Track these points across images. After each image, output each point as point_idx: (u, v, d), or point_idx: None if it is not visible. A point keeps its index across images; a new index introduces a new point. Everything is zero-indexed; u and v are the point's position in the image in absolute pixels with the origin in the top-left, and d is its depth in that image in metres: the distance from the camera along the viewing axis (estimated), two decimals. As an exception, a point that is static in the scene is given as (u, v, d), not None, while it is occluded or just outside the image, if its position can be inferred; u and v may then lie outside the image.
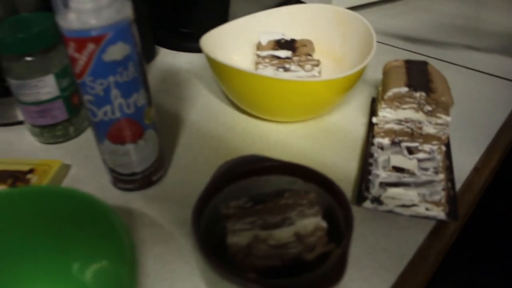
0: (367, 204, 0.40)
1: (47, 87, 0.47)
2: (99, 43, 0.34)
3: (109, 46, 0.35)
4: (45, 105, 0.48)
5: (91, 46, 0.34)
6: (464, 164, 0.46)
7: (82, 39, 0.34)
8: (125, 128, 0.39)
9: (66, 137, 0.52)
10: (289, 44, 0.55)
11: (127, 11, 0.35)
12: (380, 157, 0.46)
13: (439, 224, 0.40)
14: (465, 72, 0.62)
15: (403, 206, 0.40)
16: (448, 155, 0.45)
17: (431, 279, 0.37)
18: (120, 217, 0.32)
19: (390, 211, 0.40)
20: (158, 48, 0.72)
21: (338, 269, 0.29)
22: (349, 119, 0.53)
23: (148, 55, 0.68)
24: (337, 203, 0.34)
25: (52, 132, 0.51)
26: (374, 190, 0.42)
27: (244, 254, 0.32)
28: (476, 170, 0.46)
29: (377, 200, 0.41)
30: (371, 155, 0.46)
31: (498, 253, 0.81)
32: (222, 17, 0.69)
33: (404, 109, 0.46)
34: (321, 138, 0.50)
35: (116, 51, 0.35)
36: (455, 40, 0.71)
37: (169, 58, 0.69)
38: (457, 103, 0.56)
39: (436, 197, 0.41)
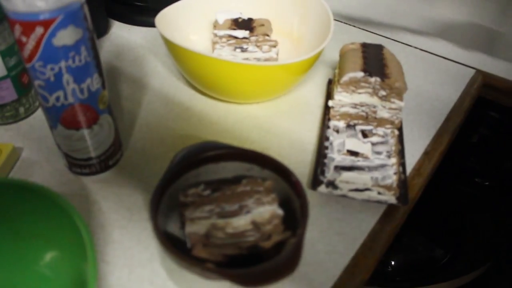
0: (322, 188, 0.41)
1: (-8, 66, 0.45)
2: (48, 27, 0.33)
3: (59, 30, 0.33)
4: (-8, 85, 0.46)
5: (39, 30, 0.33)
6: (415, 148, 0.48)
7: (29, 23, 0.32)
8: (79, 113, 0.38)
9: (16, 118, 0.50)
10: (246, 24, 0.54)
11: (79, -7, 0.34)
12: (336, 140, 0.47)
13: (390, 208, 0.41)
14: (419, 54, 0.64)
15: (357, 190, 0.41)
16: (400, 139, 0.47)
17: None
18: (76, 209, 0.32)
19: (344, 196, 0.41)
20: (111, 21, 0.69)
21: (293, 258, 0.30)
22: (306, 100, 0.54)
23: (101, 29, 0.65)
24: (294, 192, 0.35)
25: (0, 113, 0.48)
26: (329, 174, 0.43)
27: (203, 244, 0.32)
28: (426, 154, 0.47)
29: (332, 184, 0.42)
30: (327, 138, 0.47)
31: (442, 227, 0.86)
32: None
33: (359, 93, 0.46)
34: (279, 119, 0.51)
35: (67, 35, 0.34)
36: (411, 22, 0.72)
37: (123, 32, 0.66)
38: (410, 86, 0.57)
39: (388, 181, 0.42)
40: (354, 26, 0.70)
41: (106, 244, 0.38)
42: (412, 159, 0.47)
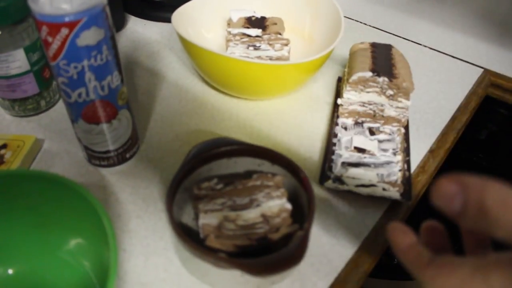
0: (329, 184, 0.43)
1: (16, 61, 0.47)
2: (73, 28, 0.34)
3: (83, 31, 0.35)
4: (15, 80, 0.48)
5: (64, 31, 0.35)
6: (421, 146, 0.50)
7: (55, 24, 0.34)
8: (99, 109, 0.40)
9: (38, 111, 0.52)
10: (259, 22, 0.56)
11: (101, -5, 0.36)
12: (344, 137, 0.49)
13: (394, 203, 0.43)
14: (428, 53, 0.65)
15: (362, 186, 0.43)
16: (406, 137, 0.48)
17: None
18: (97, 199, 0.34)
19: (350, 191, 0.43)
20: (127, 16, 0.71)
21: (300, 250, 0.32)
22: (316, 97, 0.56)
23: (118, 24, 0.67)
24: (302, 187, 0.36)
25: (23, 106, 0.51)
26: (337, 170, 0.45)
27: (216, 235, 0.34)
28: (431, 152, 0.49)
29: (338, 180, 0.44)
30: (335, 135, 0.49)
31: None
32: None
33: (367, 92, 0.48)
34: (289, 116, 0.53)
35: (90, 36, 0.36)
36: (422, 19, 0.73)
37: (139, 27, 0.68)
38: (419, 85, 0.59)
39: (393, 178, 0.44)
40: (365, 24, 0.71)
41: (122, 233, 0.40)
42: (417, 156, 0.48)
